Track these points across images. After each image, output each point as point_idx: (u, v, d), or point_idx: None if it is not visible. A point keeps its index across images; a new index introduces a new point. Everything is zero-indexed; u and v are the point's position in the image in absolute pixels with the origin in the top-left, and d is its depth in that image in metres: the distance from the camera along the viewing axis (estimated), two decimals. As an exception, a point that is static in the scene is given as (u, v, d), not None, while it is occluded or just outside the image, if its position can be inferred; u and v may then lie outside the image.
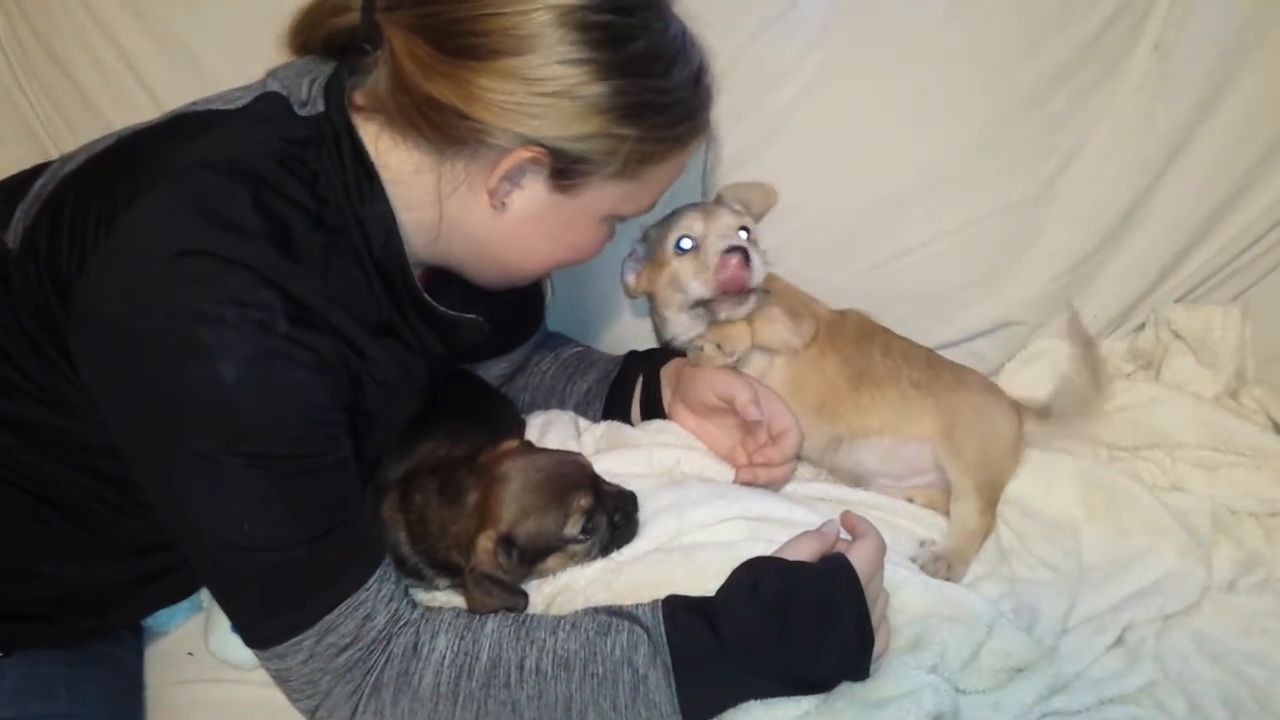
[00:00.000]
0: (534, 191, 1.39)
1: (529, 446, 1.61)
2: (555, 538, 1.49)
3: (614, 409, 1.88)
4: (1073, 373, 1.95)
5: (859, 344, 1.90)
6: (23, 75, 2.14)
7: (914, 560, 1.66)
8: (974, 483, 1.78)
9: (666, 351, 1.93)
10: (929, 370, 1.91)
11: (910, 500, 1.84)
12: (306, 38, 1.46)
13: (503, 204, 1.40)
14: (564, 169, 1.36)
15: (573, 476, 1.52)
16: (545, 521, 1.48)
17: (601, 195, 1.41)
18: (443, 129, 1.34)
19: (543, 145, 1.33)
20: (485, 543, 1.45)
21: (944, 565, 1.67)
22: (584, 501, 1.49)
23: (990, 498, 1.79)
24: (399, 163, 1.38)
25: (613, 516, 1.52)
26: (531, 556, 1.49)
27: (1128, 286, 2.13)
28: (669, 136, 1.40)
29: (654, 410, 1.85)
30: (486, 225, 1.42)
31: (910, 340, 1.97)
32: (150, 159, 1.33)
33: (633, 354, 1.95)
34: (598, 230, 1.49)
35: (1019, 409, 1.91)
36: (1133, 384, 2.07)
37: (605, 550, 1.53)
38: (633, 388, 1.87)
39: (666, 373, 1.86)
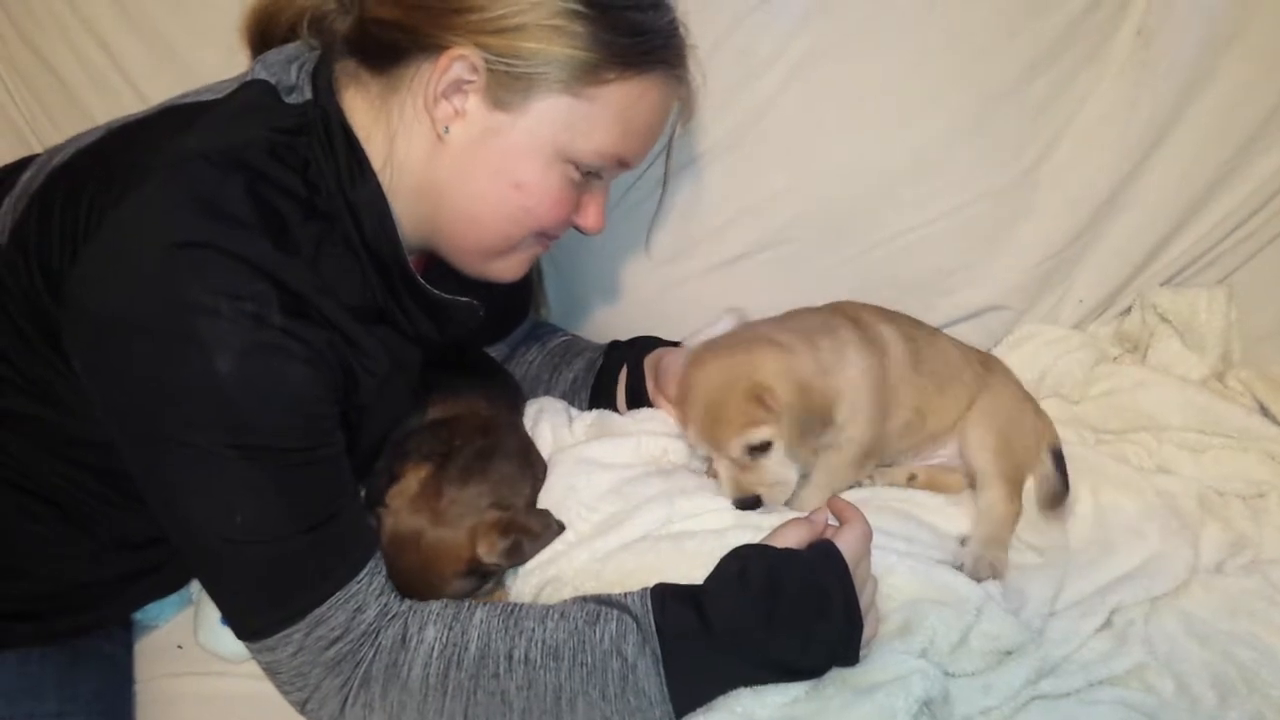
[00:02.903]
0: (474, 115, 1.37)
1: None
2: None
3: (600, 399, 1.88)
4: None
5: (933, 342, 1.86)
6: (4, 69, 2.14)
7: (960, 568, 1.62)
8: (998, 470, 1.75)
9: (649, 340, 1.92)
10: (979, 355, 1.90)
11: (913, 477, 1.82)
12: (266, 27, 1.48)
13: (446, 130, 1.37)
14: (502, 79, 1.34)
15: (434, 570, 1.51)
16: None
17: (545, 115, 1.37)
18: (387, 46, 1.36)
19: (477, 45, 1.32)
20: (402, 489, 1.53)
21: (986, 564, 1.62)
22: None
23: (1016, 484, 1.75)
24: (365, 107, 1.39)
25: None
26: None
27: (1113, 270, 2.13)
28: (616, 46, 1.36)
29: (639, 399, 1.84)
30: (432, 163, 1.39)
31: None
32: (141, 151, 1.33)
33: (615, 344, 1.95)
34: (549, 172, 1.40)
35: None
36: (1119, 367, 2.08)
37: None
38: (617, 377, 1.87)
39: (649, 362, 1.86)
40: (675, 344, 1.91)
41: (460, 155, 1.39)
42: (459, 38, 1.33)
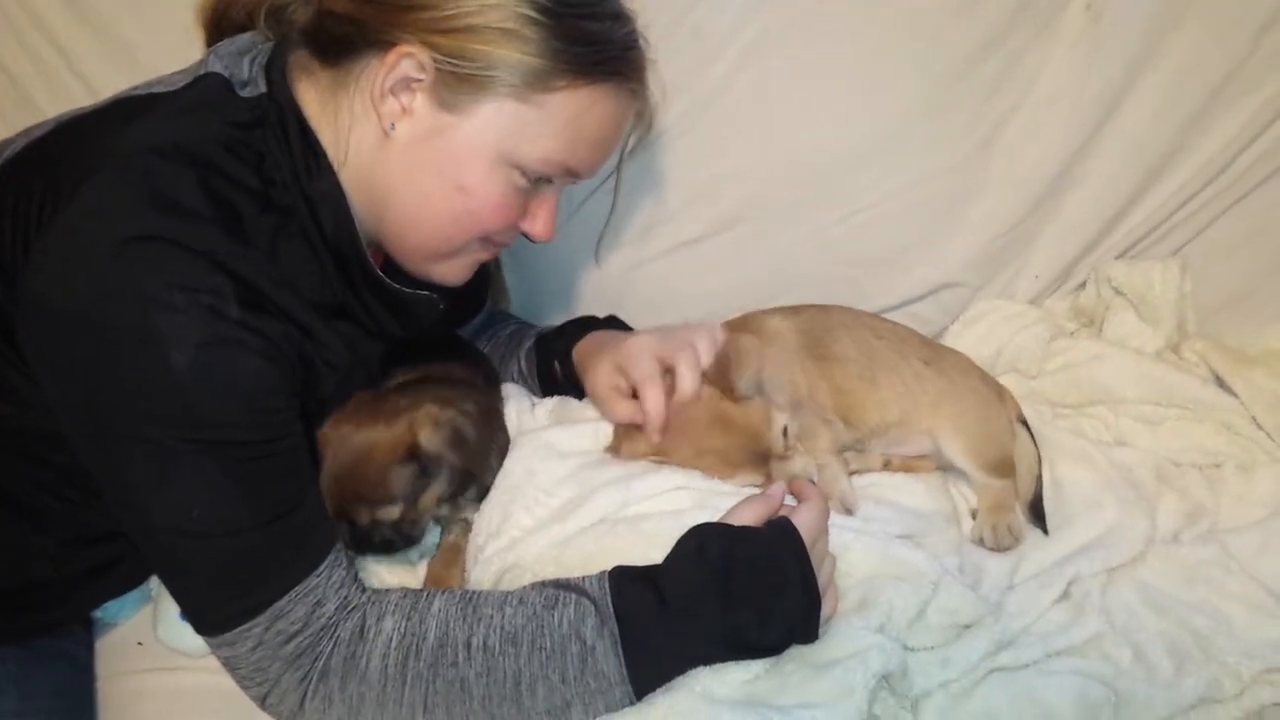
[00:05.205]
0: (421, 113, 1.36)
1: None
2: None
3: (549, 391, 1.86)
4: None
5: (853, 334, 1.86)
6: (-49, 65, 2.11)
7: (982, 543, 1.68)
8: (978, 465, 1.77)
9: (577, 325, 1.87)
10: (928, 347, 1.90)
11: (888, 464, 1.83)
12: (223, 14, 1.48)
13: (392, 127, 1.36)
14: (449, 80, 1.33)
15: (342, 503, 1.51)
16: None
17: (492, 119, 1.36)
18: (339, 39, 1.35)
19: (425, 44, 1.32)
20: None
21: (1004, 531, 1.67)
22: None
23: (1000, 466, 1.77)
24: (316, 100, 1.39)
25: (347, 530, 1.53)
26: None
27: (1068, 245, 2.15)
28: (568, 54, 1.35)
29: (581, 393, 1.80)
30: (378, 159, 1.38)
31: (880, 316, 1.98)
32: (93, 143, 1.32)
33: (542, 338, 1.90)
34: (493, 175, 1.39)
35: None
36: (1075, 342, 2.10)
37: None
38: (555, 374, 1.84)
39: (578, 358, 1.80)
40: (603, 321, 1.88)
41: (405, 153, 1.38)
42: (409, 35, 1.32)
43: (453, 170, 1.39)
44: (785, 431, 1.62)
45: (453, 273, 1.52)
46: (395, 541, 1.56)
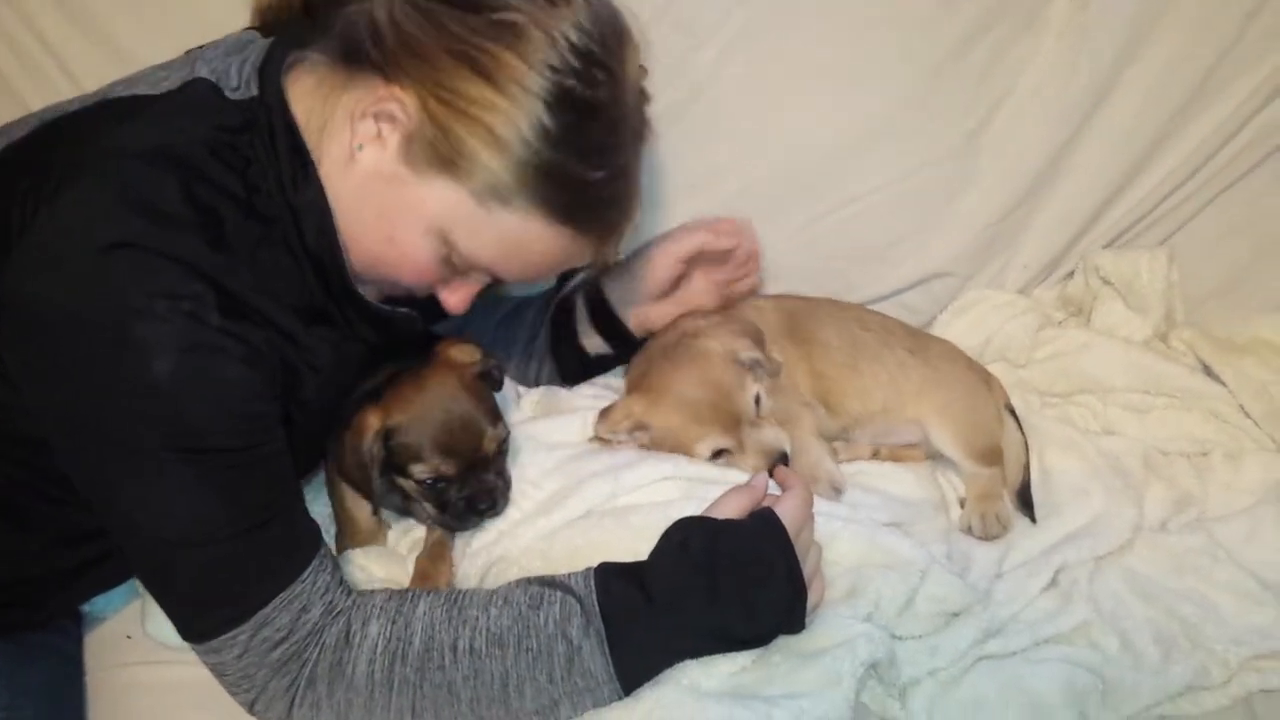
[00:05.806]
0: (388, 150, 1.33)
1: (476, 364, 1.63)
2: (410, 465, 1.55)
3: (560, 334, 1.88)
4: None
5: (838, 323, 1.88)
6: (-61, 63, 2.10)
7: (970, 531, 1.69)
8: (965, 453, 1.79)
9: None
10: (914, 337, 1.91)
11: (876, 453, 1.85)
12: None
13: (360, 148, 1.34)
14: (423, 142, 1.31)
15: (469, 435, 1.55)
16: (417, 446, 1.54)
17: (444, 198, 1.33)
18: (359, 44, 1.34)
19: (420, 101, 1.30)
20: (373, 420, 1.53)
21: (991, 519, 1.69)
22: (445, 466, 1.53)
23: (988, 453, 1.79)
24: (312, 93, 1.37)
25: (458, 496, 1.55)
26: (395, 464, 1.56)
27: (1056, 235, 2.15)
28: (540, 186, 1.33)
29: (611, 323, 1.84)
30: (336, 175, 1.36)
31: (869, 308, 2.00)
32: (75, 146, 1.30)
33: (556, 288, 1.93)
34: (423, 242, 1.36)
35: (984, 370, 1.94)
36: (1064, 331, 2.10)
37: (441, 521, 1.60)
38: (573, 312, 1.85)
39: (608, 282, 1.85)
40: None
41: (361, 180, 1.35)
42: (412, 84, 1.30)
43: (392, 219, 1.36)
44: (758, 400, 1.65)
45: (370, 294, 1.49)
46: (499, 488, 1.58)
